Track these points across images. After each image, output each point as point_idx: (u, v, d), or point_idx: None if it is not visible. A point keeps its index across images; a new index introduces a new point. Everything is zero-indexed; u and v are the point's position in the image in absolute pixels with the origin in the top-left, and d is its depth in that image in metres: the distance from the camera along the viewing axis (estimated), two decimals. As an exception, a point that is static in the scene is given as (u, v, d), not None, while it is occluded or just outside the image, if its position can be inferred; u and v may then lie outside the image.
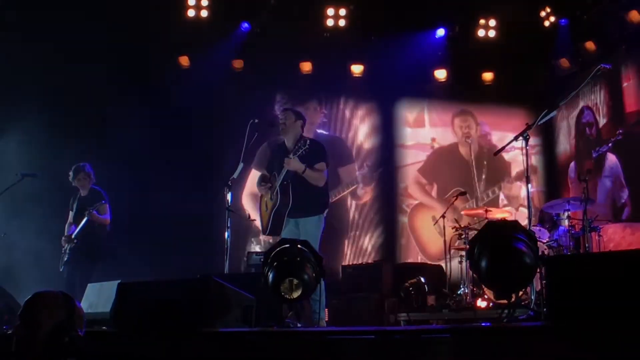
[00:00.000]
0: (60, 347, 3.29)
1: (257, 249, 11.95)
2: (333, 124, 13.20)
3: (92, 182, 9.40)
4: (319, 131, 12.91)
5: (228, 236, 8.14)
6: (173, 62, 12.10)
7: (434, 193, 13.17)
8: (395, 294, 10.18)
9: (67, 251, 9.12)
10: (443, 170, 13.35)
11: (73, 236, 9.07)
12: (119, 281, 5.99)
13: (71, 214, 9.44)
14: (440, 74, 13.19)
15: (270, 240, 11.43)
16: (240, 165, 8.14)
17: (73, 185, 9.40)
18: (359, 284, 10.35)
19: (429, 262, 12.13)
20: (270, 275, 5.65)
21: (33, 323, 3.28)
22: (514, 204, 13.21)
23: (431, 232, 12.44)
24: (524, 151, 6.56)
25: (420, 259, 12.77)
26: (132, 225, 10.36)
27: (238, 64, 12.59)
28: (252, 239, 12.25)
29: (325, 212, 7.62)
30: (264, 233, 7.85)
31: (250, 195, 11.92)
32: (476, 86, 13.35)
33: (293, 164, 7.20)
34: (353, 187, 12.94)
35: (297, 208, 7.37)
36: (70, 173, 9.35)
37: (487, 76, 13.30)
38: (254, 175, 9.37)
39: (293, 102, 12.52)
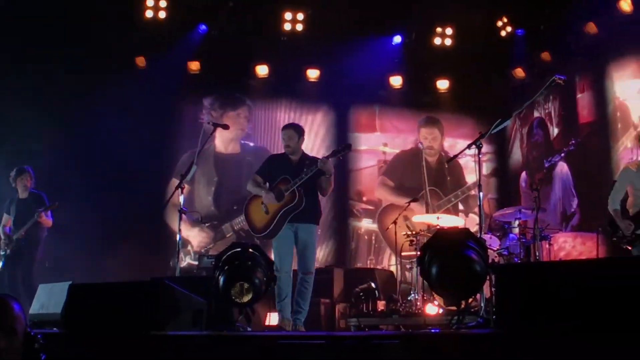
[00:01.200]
0: (34, 352, 3.23)
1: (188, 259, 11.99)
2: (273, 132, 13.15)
3: (32, 185, 9.41)
4: (243, 142, 12.89)
5: (179, 238, 8.08)
6: (130, 62, 11.99)
7: (400, 194, 13.19)
8: (346, 299, 10.20)
9: (7, 252, 9.09)
10: (406, 174, 13.38)
11: (15, 237, 9.06)
12: (70, 282, 5.93)
13: (6, 216, 9.46)
14: (395, 81, 13.24)
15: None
16: (194, 168, 8.09)
17: (13, 187, 9.38)
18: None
19: (379, 267, 12.17)
20: (221, 279, 5.64)
21: (11, 332, 3.20)
22: (467, 211, 13.30)
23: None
24: (477, 159, 6.60)
25: (389, 261, 12.77)
26: (81, 226, 10.27)
27: (194, 65, 12.52)
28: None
29: None
30: (259, 234, 7.83)
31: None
32: (431, 93, 13.44)
33: (328, 165, 7.46)
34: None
35: (303, 212, 7.62)
36: (12, 174, 9.34)
37: (442, 83, 13.41)
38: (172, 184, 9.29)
39: (219, 104, 12.62)
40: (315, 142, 13.18)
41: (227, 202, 12.49)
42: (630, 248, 7.49)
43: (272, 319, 9.31)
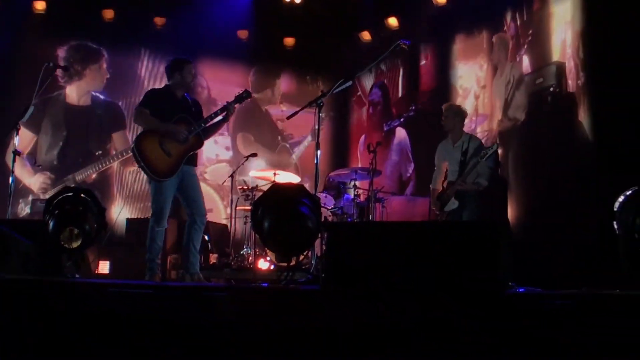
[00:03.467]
0: None
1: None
2: (122, 84, 12.83)
3: None
4: (94, 94, 12.54)
5: (12, 181, 7.79)
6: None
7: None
8: (178, 251, 10.12)
9: None
10: (262, 129, 13.48)
11: None
12: None
13: None
14: (243, 35, 13.15)
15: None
16: (31, 109, 7.76)
17: None
18: (143, 238, 10.19)
19: (214, 221, 12.15)
20: (51, 223, 5.45)
21: None
22: (306, 169, 13.43)
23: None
24: (316, 118, 6.64)
25: (224, 214, 12.76)
26: None
27: (40, 5, 11.90)
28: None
29: None
30: (163, 178, 7.18)
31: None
32: (277, 50, 13.42)
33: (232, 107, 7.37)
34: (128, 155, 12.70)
35: (193, 156, 7.38)
36: None
37: (289, 41, 13.41)
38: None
39: (80, 56, 12.20)
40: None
41: (73, 155, 12.13)
42: None
43: (102, 267, 9.14)
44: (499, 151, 8.80)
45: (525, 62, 9.55)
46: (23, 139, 10.78)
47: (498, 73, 10.11)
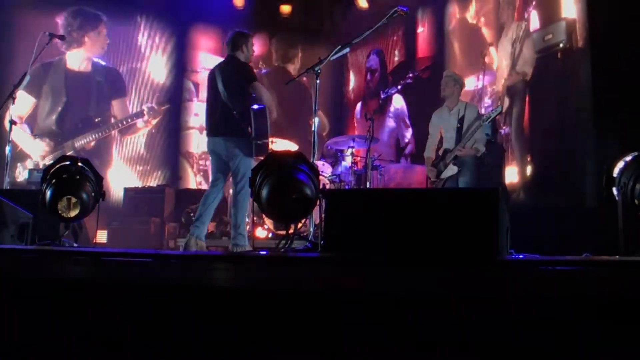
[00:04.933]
0: None
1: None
2: (121, 51, 12.77)
3: None
4: (95, 60, 12.47)
5: (9, 150, 7.80)
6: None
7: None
8: (176, 219, 10.14)
9: None
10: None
11: None
12: None
13: None
14: (239, 2, 13.07)
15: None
16: (27, 78, 7.77)
17: None
18: (140, 207, 10.21)
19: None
20: (48, 193, 5.42)
21: None
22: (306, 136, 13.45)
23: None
24: (315, 85, 6.62)
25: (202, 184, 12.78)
26: None
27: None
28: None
29: None
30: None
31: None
32: (274, 17, 13.34)
33: None
34: (136, 120, 12.67)
35: None
36: None
37: (285, 8, 13.33)
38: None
39: (79, 23, 12.11)
40: (162, 60, 12.99)
41: (72, 120, 12.13)
42: None
43: (100, 236, 9.16)
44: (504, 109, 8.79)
45: (534, 18, 9.44)
46: (23, 103, 10.77)
47: (504, 32, 10.04)
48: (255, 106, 7.20)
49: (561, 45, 8.85)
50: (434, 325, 3.26)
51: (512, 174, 9.40)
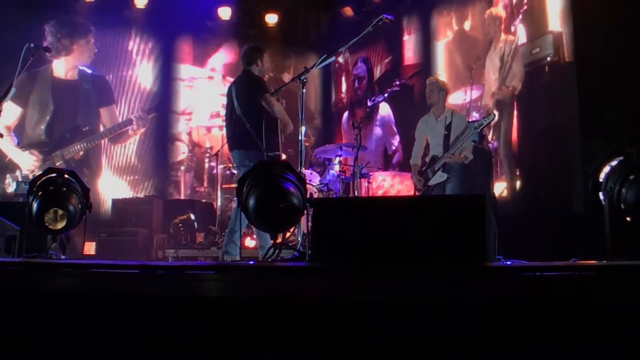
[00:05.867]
0: None
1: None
2: (109, 59, 12.76)
3: None
4: (81, 68, 12.44)
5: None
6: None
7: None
8: (165, 230, 10.11)
9: None
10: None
11: None
12: None
13: None
14: (224, 13, 13.06)
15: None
16: (13, 90, 7.72)
17: None
18: (128, 218, 10.18)
19: (199, 200, 12.13)
20: (35, 205, 5.40)
21: None
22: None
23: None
24: (300, 94, 6.63)
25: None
26: None
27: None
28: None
29: None
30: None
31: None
32: (260, 27, 13.35)
33: None
34: (125, 128, 12.66)
35: None
36: None
37: (271, 18, 13.34)
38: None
39: (68, 31, 12.06)
40: (146, 70, 12.97)
41: (60, 130, 12.07)
42: None
43: (88, 248, 9.12)
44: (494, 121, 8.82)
45: (521, 32, 9.49)
46: (10, 113, 10.75)
47: (492, 47, 10.09)
48: (267, 119, 7.36)
49: (549, 58, 8.90)
50: (422, 330, 3.26)
51: (501, 188, 9.46)
